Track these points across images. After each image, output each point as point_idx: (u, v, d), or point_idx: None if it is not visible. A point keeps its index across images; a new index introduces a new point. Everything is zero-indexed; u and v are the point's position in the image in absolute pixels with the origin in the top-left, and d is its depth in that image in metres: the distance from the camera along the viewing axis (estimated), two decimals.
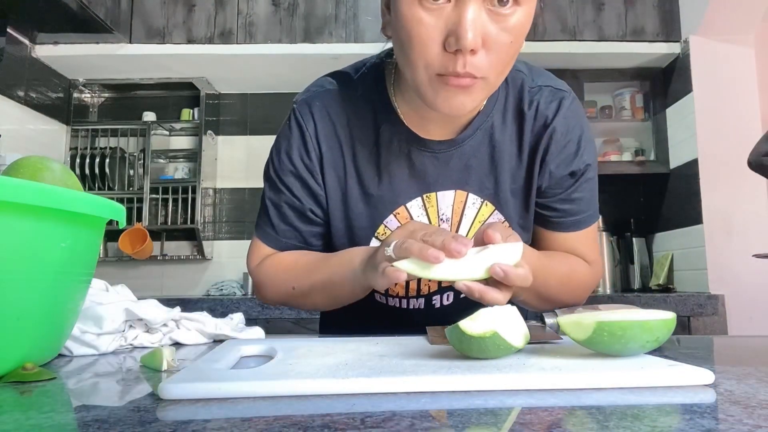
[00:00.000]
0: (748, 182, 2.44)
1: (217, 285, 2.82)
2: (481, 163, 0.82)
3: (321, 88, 0.85)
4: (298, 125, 0.84)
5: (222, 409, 0.37)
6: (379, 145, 0.82)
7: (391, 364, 0.48)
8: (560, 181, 0.84)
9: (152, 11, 2.61)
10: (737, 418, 0.33)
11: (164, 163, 2.99)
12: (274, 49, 2.59)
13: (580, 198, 0.86)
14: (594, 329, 0.49)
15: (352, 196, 0.83)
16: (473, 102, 0.69)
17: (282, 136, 0.86)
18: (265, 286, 0.88)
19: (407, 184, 0.82)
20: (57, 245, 0.51)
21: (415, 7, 0.64)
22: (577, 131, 0.83)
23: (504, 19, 0.64)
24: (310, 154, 0.83)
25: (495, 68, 0.66)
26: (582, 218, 0.87)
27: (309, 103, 0.84)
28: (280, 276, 0.85)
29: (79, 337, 0.65)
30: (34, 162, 0.60)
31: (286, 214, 0.86)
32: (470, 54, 0.63)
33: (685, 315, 2.27)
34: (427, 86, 0.68)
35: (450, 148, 0.81)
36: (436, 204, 0.83)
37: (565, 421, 0.34)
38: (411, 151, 0.81)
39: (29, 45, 2.53)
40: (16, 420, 0.35)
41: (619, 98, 2.84)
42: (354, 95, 0.83)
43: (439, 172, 0.82)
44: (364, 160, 0.83)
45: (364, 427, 0.32)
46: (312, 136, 0.83)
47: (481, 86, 0.67)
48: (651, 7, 2.62)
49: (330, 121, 0.83)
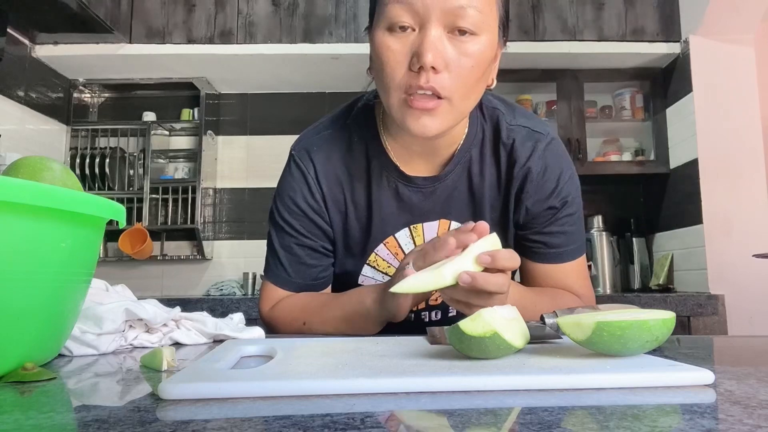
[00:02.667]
0: (748, 182, 2.44)
1: (217, 285, 2.82)
2: (461, 195, 0.88)
3: (316, 134, 0.90)
4: (299, 169, 0.89)
5: (222, 409, 0.37)
6: (370, 180, 0.87)
7: (391, 364, 0.48)
8: (538, 216, 0.88)
9: (152, 11, 2.61)
10: (737, 418, 0.33)
11: (164, 163, 2.99)
12: (274, 49, 2.59)
13: (562, 231, 0.88)
14: (593, 329, 0.49)
15: (351, 227, 0.89)
16: (440, 124, 0.74)
17: (284, 182, 0.90)
18: (277, 326, 0.90)
19: (396, 216, 0.88)
20: (57, 245, 0.51)
21: (386, 36, 0.72)
22: (555, 171, 0.87)
23: (463, 44, 0.71)
24: (314, 195, 0.88)
25: (458, 90, 0.72)
26: (566, 251, 0.89)
27: (307, 148, 0.89)
28: (293, 315, 0.88)
29: (79, 337, 0.65)
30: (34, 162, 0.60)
31: (297, 255, 0.90)
32: (432, 72, 0.70)
33: (685, 315, 2.27)
34: (398, 109, 0.74)
35: (433, 183, 0.86)
36: (422, 234, 0.89)
37: (565, 421, 0.34)
38: (398, 186, 0.87)
39: (29, 45, 2.53)
40: (16, 420, 0.35)
41: (619, 98, 2.84)
42: (347, 137, 0.89)
43: (423, 205, 0.88)
44: (359, 194, 0.88)
45: (364, 427, 0.32)
46: (313, 178, 0.88)
47: (446, 108, 0.73)
48: (651, 7, 2.62)
49: (328, 162, 0.88)
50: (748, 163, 2.45)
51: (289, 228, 0.89)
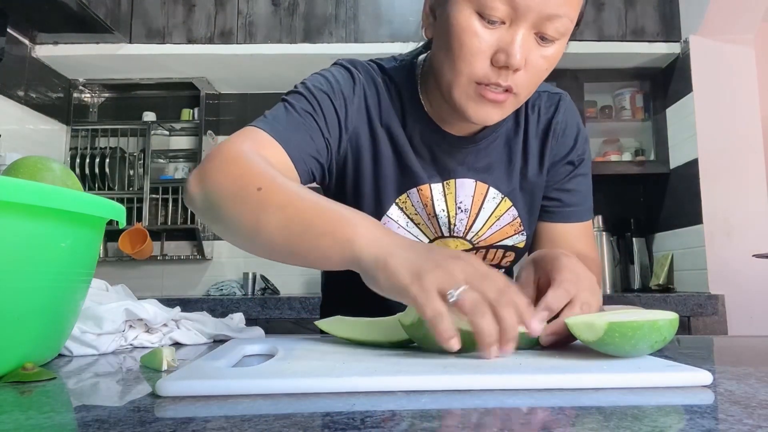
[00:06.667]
0: (748, 182, 2.44)
1: (217, 285, 2.82)
2: (498, 162, 0.88)
3: (364, 61, 0.87)
4: (347, 69, 0.84)
5: (222, 408, 0.37)
6: (405, 125, 0.85)
7: (391, 364, 0.48)
8: (557, 173, 0.91)
9: (152, 11, 2.60)
10: (737, 418, 0.33)
11: (164, 163, 2.99)
12: (274, 49, 2.59)
13: (577, 190, 0.92)
14: (606, 330, 0.49)
15: (385, 157, 0.84)
16: (502, 116, 0.75)
17: (321, 72, 0.83)
18: (221, 167, 0.65)
19: (430, 167, 0.86)
20: (57, 245, 0.51)
21: (474, 21, 0.69)
22: (574, 128, 0.91)
23: (544, 48, 0.71)
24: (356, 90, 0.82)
25: (528, 88, 0.73)
26: (580, 210, 0.93)
27: (354, 62, 0.86)
28: (254, 170, 0.64)
29: (79, 337, 0.65)
30: (34, 162, 0.60)
31: (305, 124, 0.76)
32: (513, 72, 0.70)
33: (685, 315, 2.26)
34: (463, 92, 0.73)
35: (468, 145, 0.85)
36: (455, 191, 0.86)
37: (565, 421, 0.34)
38: (432, 141, 0.85)
39: (29, 45, 2.53)
40: (16, 420, 0.35)
41: (619, 98, 2.84)
42: (388, 81, 0.86)
43: (458, 163, 0.86)
44: (395, 129, 0.84)
45: (364, 427, 0.32)
46: (359, 80, 0.83)
47: (513, 102, 0.74)
48: (651, 7, 2.62)
49: (371, 83, 0.85)
50: (748, 163, 2.45)
51: (311, 97, 0.78)
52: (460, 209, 0.86)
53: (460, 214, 0.86)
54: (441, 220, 0.85)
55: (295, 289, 2.92)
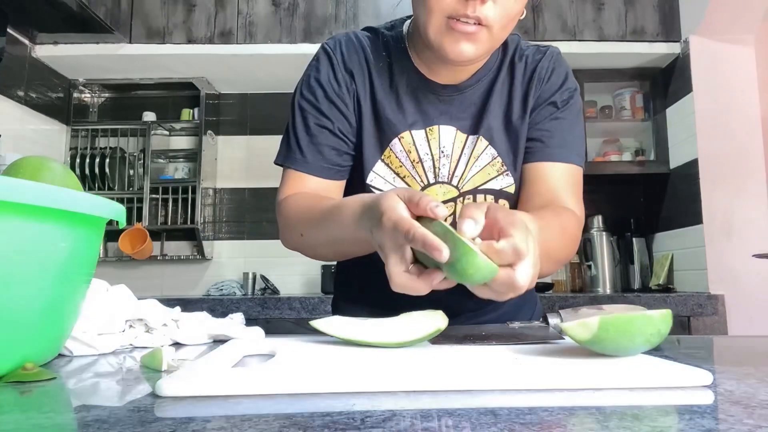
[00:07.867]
0: (748, 182, 2.44)
1: (217, 285, 2.82)
2: (479, 107, 0.90)
3: (350, 33, 0.95)
4: (326, 55, 0.91)
5: (222, 408, 0.37)
6: (391, 78, 0.90)
7: (392, 363, 0.48)
8: (540, 113, 0.91)
9: (152, 11, 2.60)
10: (737, 418, 0.33)
11: (164, 163, 2.99)
12: (274, 49, 2.59)
13: (561, 128, 0.90)
14: (599, 326, 0.49)
15: (366, 116, 0.89)
16: (476, 50, 0.77)
17: (310, 68, 0.93)
18: (282, 228, 0.90)
19: (413, 115, 0.89)
20: (57, 245, 0.51)
21: None
22: (561, 74, 0.92)
23: None
24: (337, 75, 0.89)
25: (500, 20, 0.76)
26: (562, 151, 0.90)
27: (337, 38, 0.93)
28: (294, 220, 0.86)
29: (79, 337, 0.65)
30: (34, 162, 0.60)
31: (315, 135, 0.89)
32: (480, 2, 0.73)
33: (685, 315, 2.26)
34: (437, 31, 0.77)
35: (453, 93, 0.89)
36: (438, 137, 0.90)
37: (565, 421, 0.34)
38: (418, 89, 0.89)
39: (29, 45, 2.53)
40: (16, 420, 0.35)
41: (619, 98, 2.84)
42: (376, 39, 0.93)
43: (441, 111, 0.90)
44: (378, 86, 0.90)
45: (364, 427, 0.32)
46: (339, 62, 0.90)
47: (486, 36, 0.76)
48: (651, 7, 2.62)
49: (354, 50, 0.91)
50: (748, 163, 2.45)
51: (309, 106, 0.89)
52: (443, 153, 0.89)
53: (443, 158, 0.89)
54: (426, 164, 0.89)
55: (295, 289, 2.92)
